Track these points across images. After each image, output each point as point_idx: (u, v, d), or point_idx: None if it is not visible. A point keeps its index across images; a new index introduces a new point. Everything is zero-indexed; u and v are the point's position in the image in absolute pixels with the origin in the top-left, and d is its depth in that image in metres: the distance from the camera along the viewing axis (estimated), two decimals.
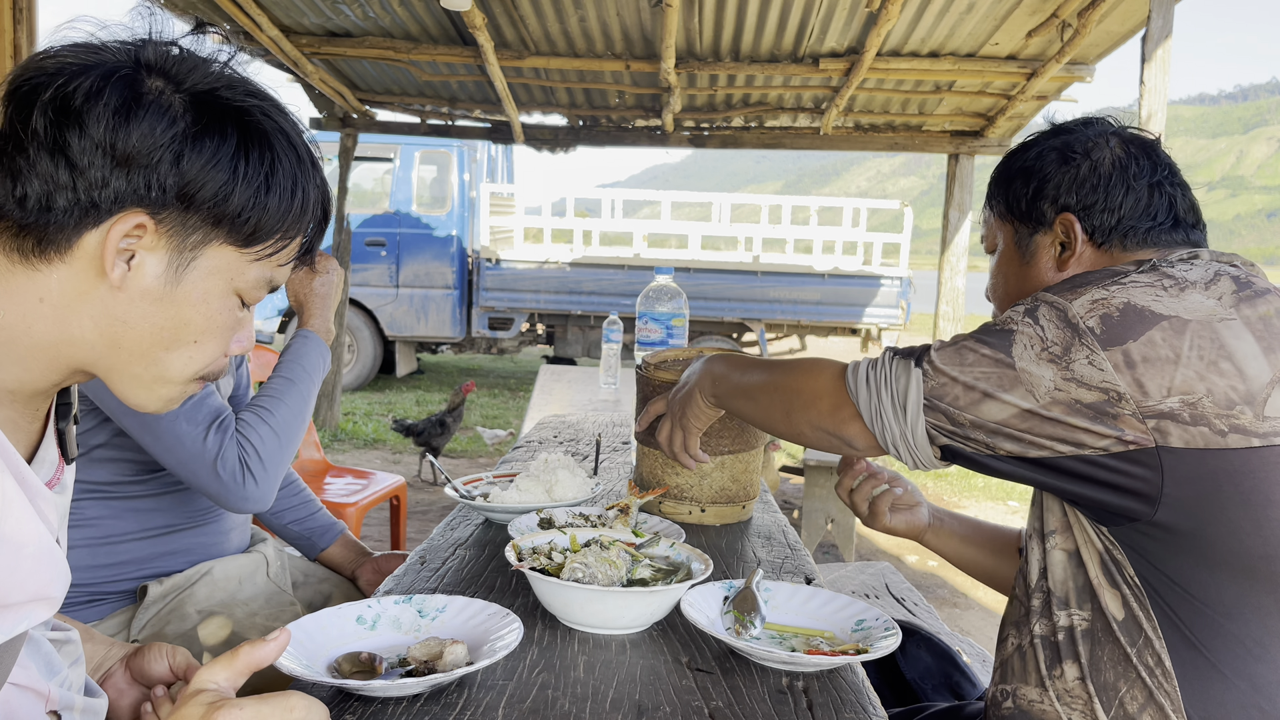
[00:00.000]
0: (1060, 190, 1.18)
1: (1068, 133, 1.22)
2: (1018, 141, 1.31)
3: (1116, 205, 1.16)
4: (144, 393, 0.84)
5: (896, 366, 1.10)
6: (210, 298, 0.82)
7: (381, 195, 9.46)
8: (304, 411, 1.56)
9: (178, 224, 0.78)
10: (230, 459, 1.43)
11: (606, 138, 6.85)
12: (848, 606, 1.19)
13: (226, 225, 0.80)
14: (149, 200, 0.77)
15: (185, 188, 0.77)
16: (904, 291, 8.98)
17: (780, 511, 1.77)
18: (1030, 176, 1.21)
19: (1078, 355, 0.98)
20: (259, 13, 5.00)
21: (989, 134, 6.60)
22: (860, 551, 4.82)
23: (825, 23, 5.00)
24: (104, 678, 1.09)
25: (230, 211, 0.79)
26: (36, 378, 0.81)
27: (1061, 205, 1.18)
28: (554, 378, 4.32)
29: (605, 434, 2.43)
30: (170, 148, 0.76)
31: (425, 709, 0.92)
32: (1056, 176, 1.19)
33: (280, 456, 1.49)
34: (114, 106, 0.75)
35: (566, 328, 9.41)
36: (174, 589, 1.53)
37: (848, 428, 1.15)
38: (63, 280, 0.77)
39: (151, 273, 0.79)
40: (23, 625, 0.77)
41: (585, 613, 1.12)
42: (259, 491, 1.45)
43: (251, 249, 0.83)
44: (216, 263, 0.81)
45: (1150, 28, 3.83)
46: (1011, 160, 1.26)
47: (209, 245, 0.81)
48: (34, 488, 0.79)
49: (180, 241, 0.79)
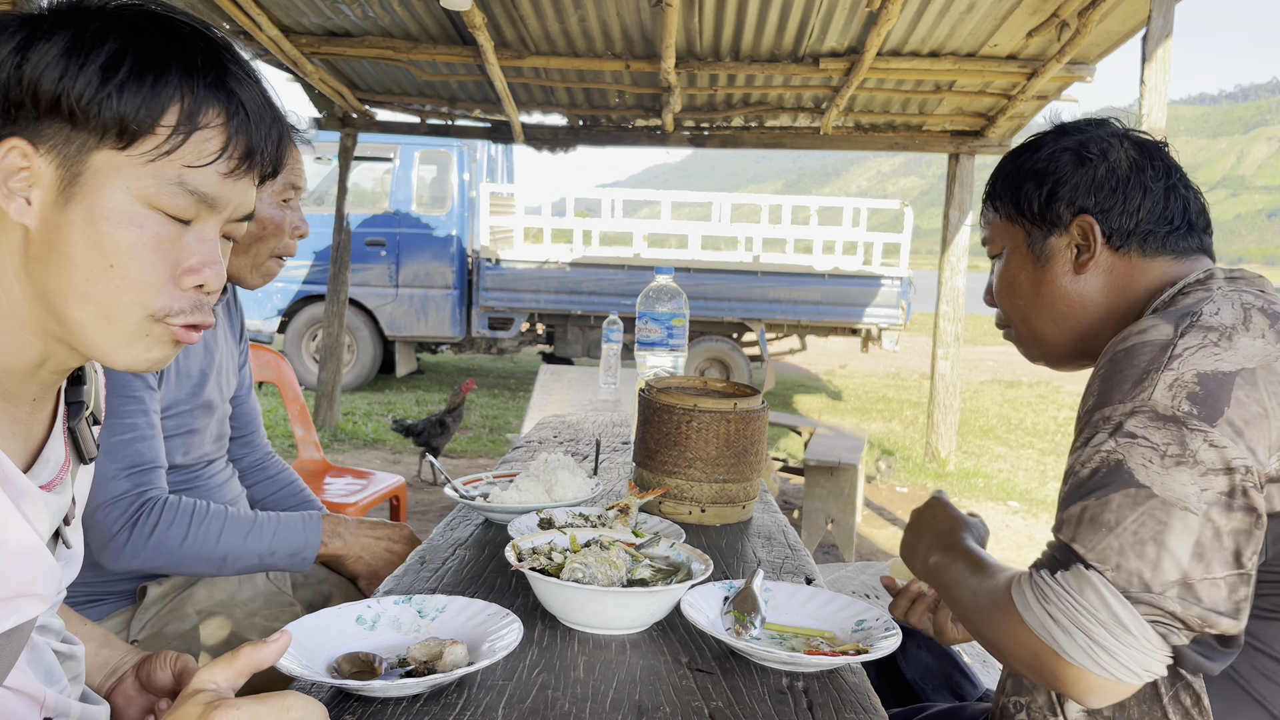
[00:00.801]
0: (1078, 192, 1.15)
1: (1078, 133, 1.19)
2: (1017, 142, 1.30)
3: (1135, 208, 1.13)
4: (98, 340, 0.78)
5: (1067, 585, 0.92)
6: (108, 213, 0.75)
7: (381, 195, 9.46)
8: (229, 551, 1.45)
9: (54, 141, 0.74)
10: (128, 506, 1.37)
11: (606, 138, 6.85)
12: (848, 606, 1.19)
13: (86, 124, 0.74)
14: (12, 119, 0.73)
15: (27, 90, 0.73)
16: (904, 291, 8.98)
17: (780, 511, 1.77)
18: (1044, 178, 1.17)
19: (1195, 444, 0.90)
20: (259, 13, 5.00)
21: (989, 134, 6.60)
22: (860, 552, 4.82)
23: (825, 22, 5.00)
24: (117, 683, 1.09)
25: (75, 104, 0.73)
26: (12, 352, 0.78)
27: (1079, 207, 1.15)
28: (554, 378, 4.32)
29: (605, 434, 2.43)
30: (12, 59, 0.73)
31: (425, 709, 0.92)
32: (1073, 178, 1.16)
33: (169, 555, 1.40)
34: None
35: (566, 328, 9.41)
36: (174, 589, 1.52)
37: (1066, 680, 0.93)
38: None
39: (44, 199, 0.75)
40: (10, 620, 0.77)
41: (585, 613, 1.12)
42: (124, 551, 1.37)
43: (136, 149, 0.75)
44: (104, 172, 0.75)
45: (1150, 28, 3.83)
46: (1019, 161, 1.22)
47: (90, 155, 0.75)
48: (18, 487, 0.78)
49: (63, 157, 0.74)
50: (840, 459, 4.62)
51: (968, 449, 7.71)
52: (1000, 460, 7.42)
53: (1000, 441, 8.18)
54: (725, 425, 1.60)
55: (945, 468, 6.86)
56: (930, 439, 7.03)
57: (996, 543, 5.23)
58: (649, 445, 1.67)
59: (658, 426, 1.64)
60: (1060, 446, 7.98)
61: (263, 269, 1.62)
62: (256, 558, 1.48)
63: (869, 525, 5.41)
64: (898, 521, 5.54)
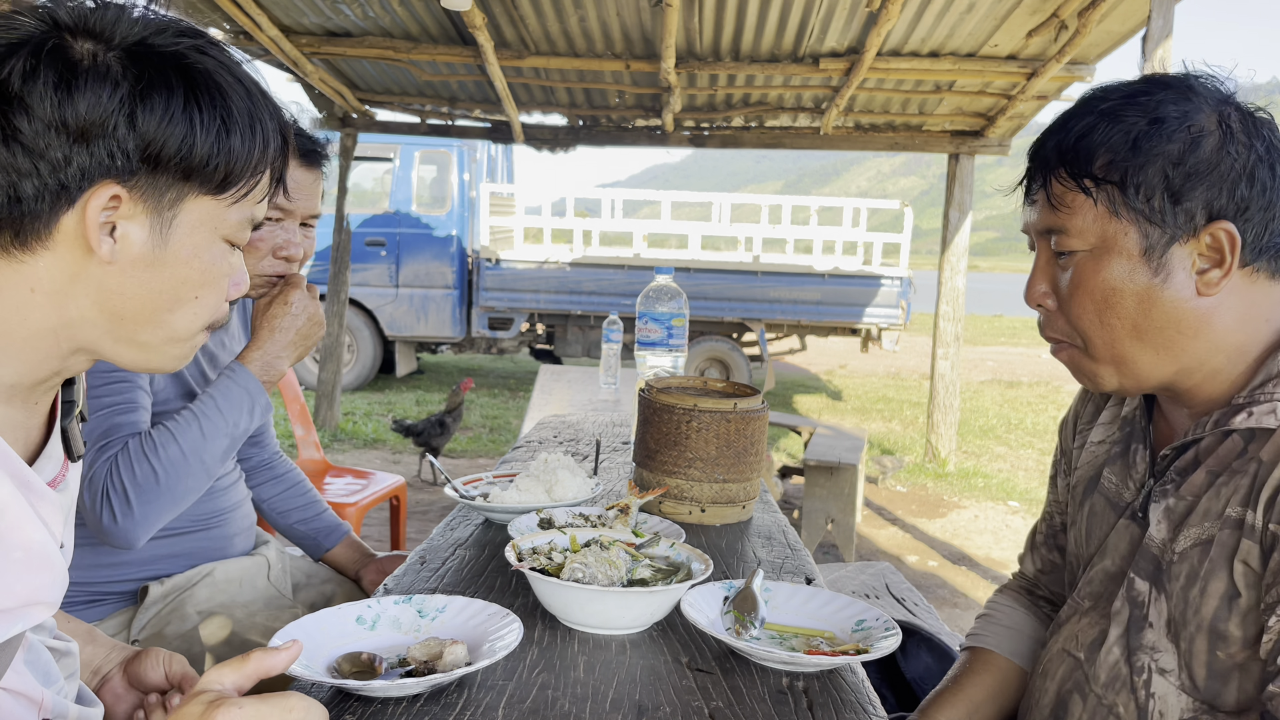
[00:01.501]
0: (1220, 189, 0.92)
1: (1191, 95, 0.94)
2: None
3: (1275, 213, 0.93)
4: (156, 356, 0.84)
5: None
6: (200, 251, 0.81)
7: (381, 195, 9.46)
8: (202, 452, 1.38)
9: (150, 187, 0.77)
10: (96, 484, 1.31)
11: (606, 138, 6.86)
12: (848, 606, 1.19)
13: (197, 177, 0.79)
14: (115, 169, 0.75)
15: (148, 149, 0.76)
16: (904, 291, 8.98)
17: (780, 511, 1.77)
18: (1178, 163, 0.92)
19: None
20: (259, 13, 5.00)
21: (989, 134, 6.60)
22: (860, 552, 4.82)
23: (825, 22, 5.00)
24: (102, 682, 1.09)
25: (197, 162, 0.78)
26: (36, 368, 0.80)
27: (1217, 210, 0.93)
28: (554, 378, 4.32)
29: (605, 434, 2.43)
30: (121, 111, 0.74)
31: (425, 709, 0.92)
32: (1216, 169, 0.92)
33: (158, 497, 1.33)
34: (53, 82, 0.72)
35: (566, 328, 9.41)
36: (174, 589, 1.52)
37: None
38: (50, 267, 0.76)
39: (138, 240, 0.78)
40: (16, 628, 0.77)
41: (585, 613, 1.12)
42: (118, 529, 1.31)
43: (226, 194, 0.82)
44: (197, 215, 0.81)
45: (1150, 28, 3.83)
46: (1129, 128, 0.94)
47: (185, 200, 0.80)
48: (37, 490, 0.79)
49: (157, 203, 0.78)
50: (840, 459, 4.62)
51: (968, 449, 7.71)
52: (1000, 460, 7.42)
53: (1000, 441, 8.18)
54: (725, 425, 1.60)
55: (945, 468, 6.86)
56: (930, 439, 7.03)
57: (997, 543, 5.23)
58: (649, 445, 1.67)
59: (658, 426, 1.64)
60: None
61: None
62: (226, 438, 1.41)
63: (869, 525, 5.41)
64: (898, 521, 5.54)
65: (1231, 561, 0.95)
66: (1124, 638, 1.06)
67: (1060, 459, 1.31)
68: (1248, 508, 0.94)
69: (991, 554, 5.03)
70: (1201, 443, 1.01)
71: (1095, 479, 1.18)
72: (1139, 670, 1.03)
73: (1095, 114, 0.98)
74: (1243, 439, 0.97)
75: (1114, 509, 1.13)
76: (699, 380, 1.84)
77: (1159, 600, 1.02)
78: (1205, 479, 0.99)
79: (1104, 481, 1.16)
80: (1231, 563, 0.95)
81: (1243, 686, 0.95)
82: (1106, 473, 1.16)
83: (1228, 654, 0.95)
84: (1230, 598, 0.95)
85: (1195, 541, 0.98)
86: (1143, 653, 1.02)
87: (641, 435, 1.70)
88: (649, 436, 1.67)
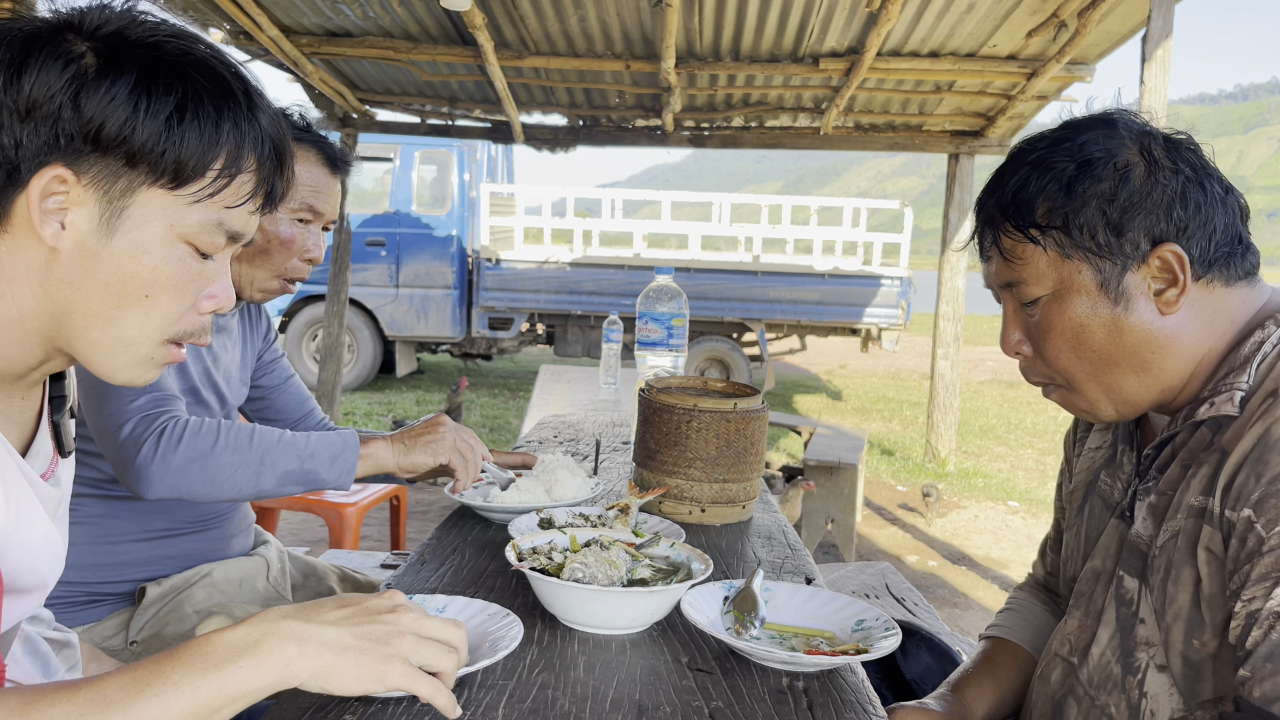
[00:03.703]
0: (1157, 216, 0.97)
1: (1113, 132, 1.00)
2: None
3: (1213, 228, 0.98)
4: (109, 359, 0.81)
5: None
6: (150, 247, 0.78)
7: (381, 195, 9.46)
8: (265, 454, 1.36)
9: (100, 173, 0.76)
10: (153, 423, 1.29)
11: (606, 138, 6.86)
12: (848, 606, 1.19)
13: (144, 165, 0.76)
14: (60, 150, 0.74)
15: (87, 127, 0.74)
16: (904, 291, 8.98)
17: (780, 511, 1.77)
18: (1112, 199, 0.98)
19: None
20: (259, 13, 5.00)
21: (989, 134, 6.61)
22: (860, 551, 4.82)
23: (825, 23, 5.00)
24: None
25: (141, 148, 0.75)
26: (14, 359, 0.79)
27: (1159, 235, 0.98)
28: (554, 378, 4.32)
29: (605, 434, 2.43)
30: (66, 91, 0.74)
31: (425, 709, 0.92)
32: (1150, 198, 0.97)
33: (201, 463, 1.30)
34: (7, 60, 0.73)
35: (566, 328, 9.41)
36: (173, 590, 1.52)
37: None
38: (10, 252, 0.76)
39: (85, 228, 0.76)
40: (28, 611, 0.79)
41: (585, 613, 1.12)
42: (147, 469, 1.27)
43: (185, 190, 0.78)
44: (149, 209, 0.78)
45: (1150, 28, 3.83)
46: (1058, 174, 1.00)
47: (137, 191, 0.77)
48: (31, 479, 0.80)
49: (107, 190, 0.76)
50: (840, 459, 4.62)
51: (967, 449, 7.71)
52: (1000, 460, 7.42)
53: (1000, 441, 8.18)
54: (725, 425, 1.60)
55: (945, 467, 6.86)
56: (930, 439, 7.03)
57: (996, 543, 5.23)
58: (649, 445, 1.67)
59: (658, 426, 1.64)
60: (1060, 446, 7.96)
61: (262, 286, 1.58)
62: (296, 460, 1.38)
63: (869, 525, 5.41)
64: (898, 521, 5.54)
65: (1195, 550, 0.96)
66: (1116, 637, 1.06)
67: (1064, 467, 1.34)
68: (1209, 495, 0.96)
69: (991, 554, 5.03)
70: (1176, 438, 1.04)
71: (1093, 483, 1.21)
72: (1134, 669, 1.03)
73: (1026, 165, 1.03)
74: (1210, 429, 1.00)
75: (1108, 510, 1.15)
76: (699, 380, 1.84)
77: (1146, 596, 1.03)
78: (1178, 472, 1.02)
79: (1100, 485, 1.19)
80: (1196, 551, 0.96)
81: (1219, 673, 0.96)
82: (1103, 476, 1.19)
83: (1201, 642, 0.96)
84: (1197, 585, 0.96)
85: (1171, 534, 1.00)
86: (1140, 650, 1.03)
87: (641, 435, 1.71)
88: (649, 436, 1.67)
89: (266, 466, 1.36)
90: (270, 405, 1.83)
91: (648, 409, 1.67)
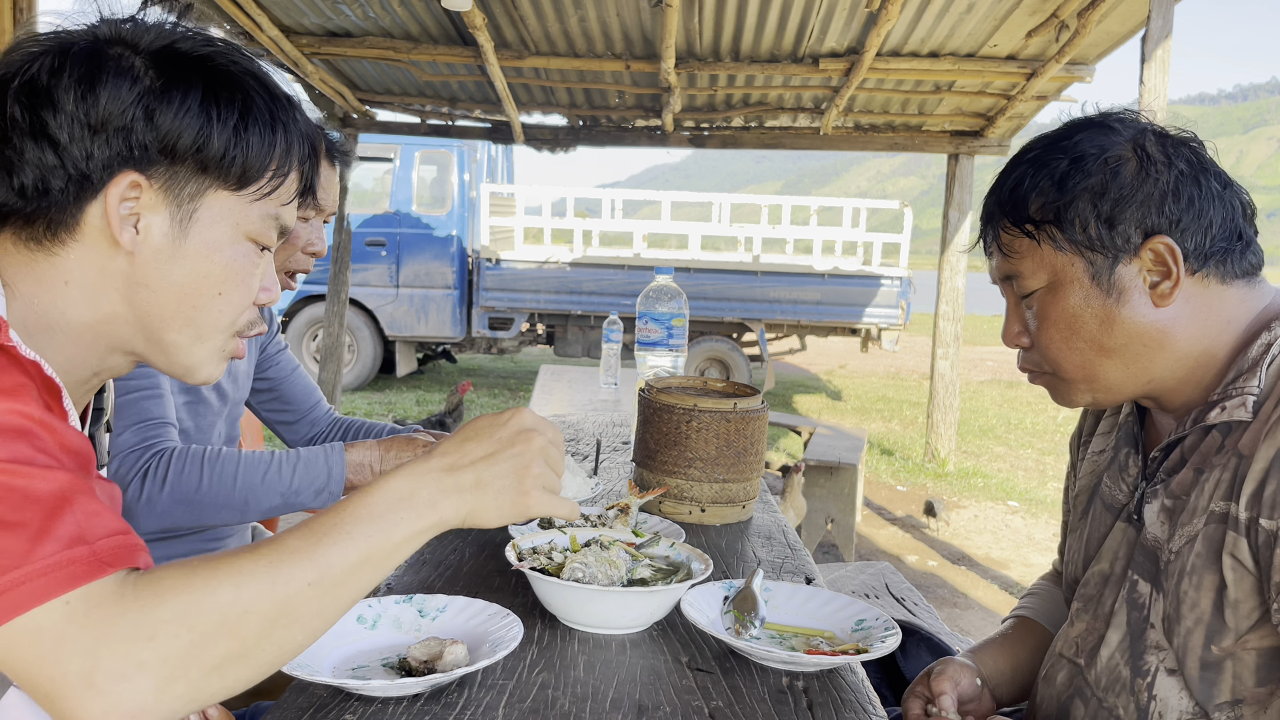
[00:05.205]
0: (1149, 209, 0.99)
1: (1111, 131, 1.02)
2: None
3: (1208, 222, 0.99)
4: (187, 358, 0.85)
5: None
6: (221, 245, 0.83)
7: (381, 195, 9.46)
8: (249, 495, 1.38)
9: (169, 179, 0.80)
10: (142, 458, 1.33)
11: (606, 138, 6.86)
12: (848, 606, 1.19)
13: (215, 170, 0.81)
14: (134, 160, 0.78)
15: (164, 140, 0.79)
16: (904, 291, 8.98)
17: (780, 511, 1.77)
18: (1103, 193, 1.00)
19: None
20: (259, 13, 5.01)
21: (989, 134, 6.60)
22: (860, 551, 4.82)
23: (825, 23, 5.00)
24: None
25: (213, 156, 0.80)
26: (78, 364, 0.82)
27: (1150, 228, 0.99)
28: (554, 378, 4.32)
29: (605, 434, 2.43)
30: (139, 104, 0.77)
31: (425, 709, 0.92)
32: (1140, 191, 0.99)
33: (187, 503, 1.34)
34: (78, 77, 0.76)
35: (566, 328, 9.41)
36: None
37: None
38: (80, 259, 0.79)
39: (159, 231, 0.80)
40: None
41: (585, 613, 1.12)
42: (135, 505, 1.33)
43: (247, 190, 0.84)
44: (217, 210, 0.83)
45: (1150, 28, 3.83)
46: (1052, 171, 1.03)
47: (205, 194, 0.82)
48: None
49: (177, 195, 0.81)
50: (840, 459, 4.62)
51: (967, 449, 7.71)
52: (1000, 460, 7.42)
53: (1000, 441, 8.18)
54: (725, 425, 1.60)
55: (945, 467, 6.86)
56: (930, 439, 7.03)
57: (996, 542, 5.24)
58: (649, 445, 1.67)
59: (658, 426, 1.65)
60: (1059, 446, 7.97)
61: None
62: (280, 497, 1.41)
63: (869, 525, 5.41)
64: (898, 521, 5.55)
65: (1220, 555, 0.96)
66: (1126, 640, 1.07)
67: (1070, 472, 1.35)
68: (1231, 501, 0.96)
69: (991, 554, 5.03)
70: (1185, 441, 1.05)
71: (1096, 486, 1.21)
72: (1143, 672, 1.03)
73: (1024, 164, 1.07)
74: (1220, 433, 1.01)
75: (1111, 513, 1.15)
76: (699, 380, 1.84)
77: (1158, 600, 1.03)
78: (1191, 476, 1.02)
79: (1103, 488, 1.19)
80: (1220, 556, 0.96)
81: (1238, 675, 0.96)
82: (1106, 479, 1.19)
83: (1220, 648, 0.97)
84: (1221, 591, 0.97)
85: (1188, 538, 1.00)
86: (1150, 654, 1.03)
87: (641, 435, 1.71)
88: (649, 436, 1.67)
89: (251, 506, 1.41)
90: (279, 397, 1.84)
91: (648, 409, 1.68)
